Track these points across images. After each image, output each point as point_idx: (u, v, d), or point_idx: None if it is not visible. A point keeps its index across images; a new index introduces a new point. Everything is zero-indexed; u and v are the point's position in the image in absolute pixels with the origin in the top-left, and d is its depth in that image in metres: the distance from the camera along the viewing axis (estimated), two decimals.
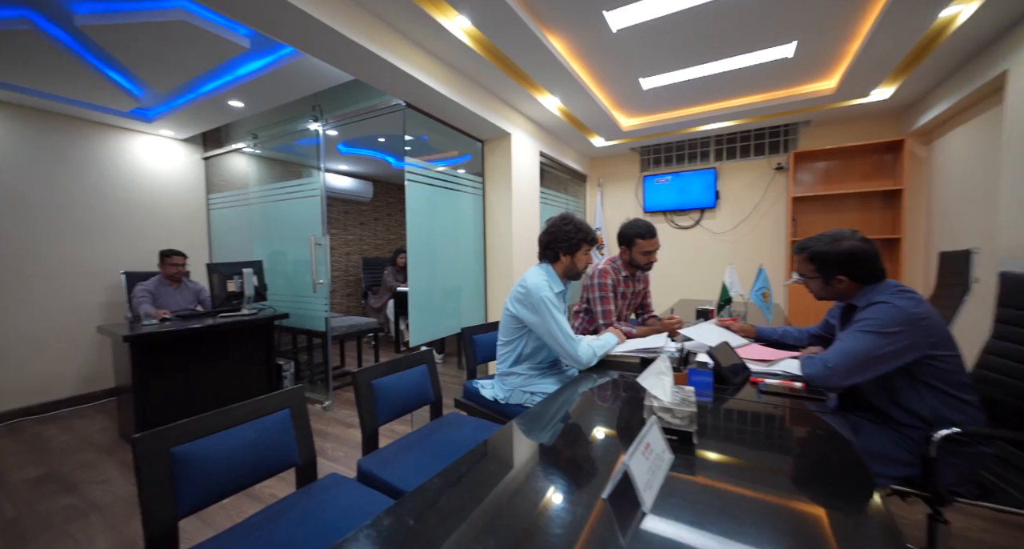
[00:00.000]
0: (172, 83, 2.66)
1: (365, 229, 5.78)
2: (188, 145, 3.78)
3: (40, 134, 2.97)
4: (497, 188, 3.24)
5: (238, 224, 3.73)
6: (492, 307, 3.34)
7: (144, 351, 2.45)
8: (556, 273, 1.66)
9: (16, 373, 2.88)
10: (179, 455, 0.90)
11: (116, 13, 1.99)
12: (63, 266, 3.08)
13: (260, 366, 3.06)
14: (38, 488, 2.06)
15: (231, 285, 2.94)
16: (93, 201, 3.22)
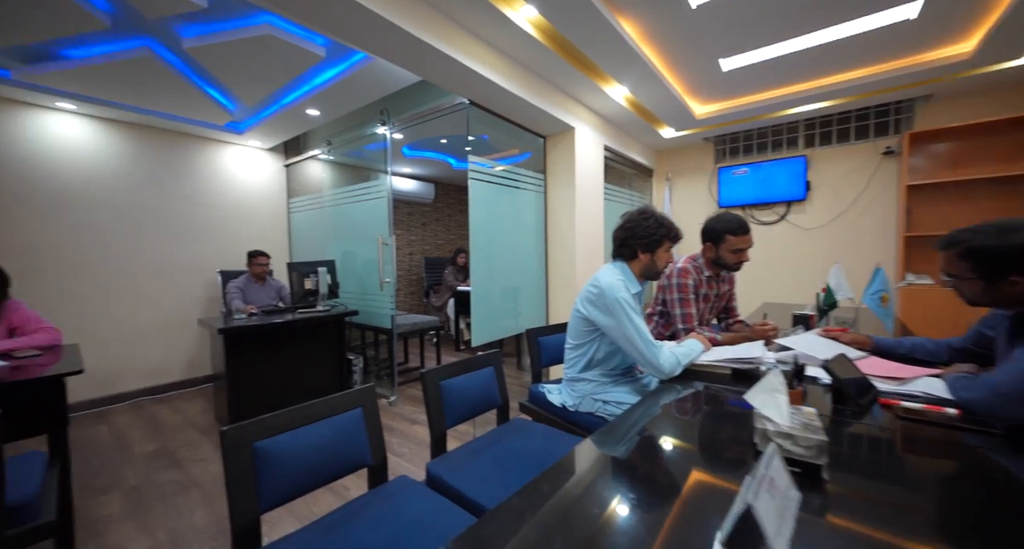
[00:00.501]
0: (259, 95, 2.88)
1: (427, 230, 5.95)
2: (272, 154, 4.11)
3: (151, 148, 3.38)
4: (559, 185, 3.13)
5: (314, 226, 3.99)
6: (553, 307, 3.24)
7: (235, 342, 2.67)
8: (632, 272, 1.52)
9: (137, 358, 3.29)
10: (261, 450, 0.91)
11: (215, 33, 2.18)
12: (171, 265, 3.48)
13: (332, 360, 3.22)
14: (152, 462, 2.32)
15: (308, 283, 3.13)
16: (194, 207, 3.60)
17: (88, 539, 1.69)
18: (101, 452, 2.44)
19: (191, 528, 1.76)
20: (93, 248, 3.09)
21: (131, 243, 3.27)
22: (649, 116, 3.39)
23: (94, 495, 2.00)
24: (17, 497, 1.07)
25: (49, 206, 2.91)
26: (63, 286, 2.96)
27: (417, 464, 2.25)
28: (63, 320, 2.90)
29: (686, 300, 1.79)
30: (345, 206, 3.57)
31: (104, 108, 2.97)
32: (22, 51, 2.31)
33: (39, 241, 2.88)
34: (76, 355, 1.84)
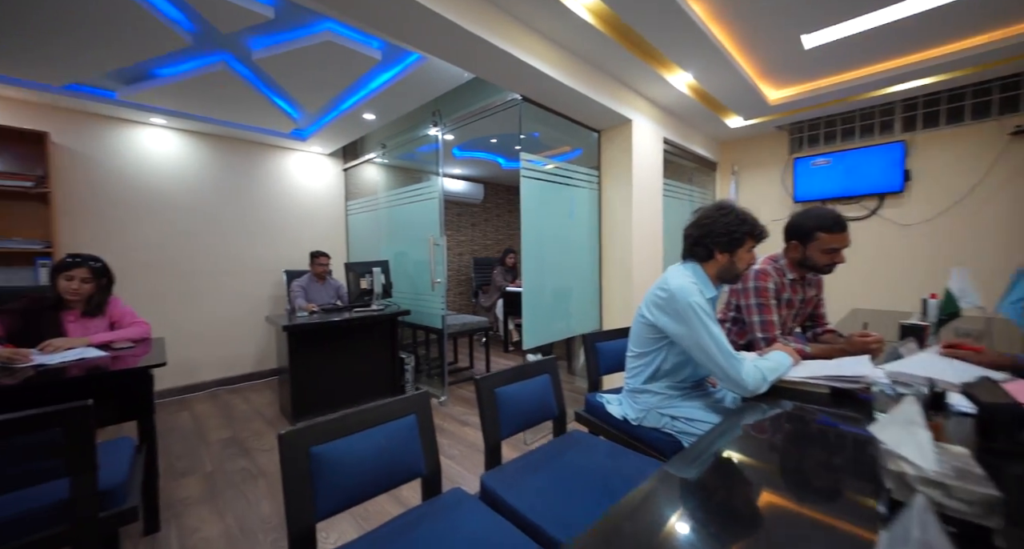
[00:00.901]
0: (320, 102, 3.00)
1: (476, 230, 5.98)
2: (332, 159, 4.31)
3: (227, 157, 3.65)
4: (615, 181, 2.97)
5: (369, 227, 4.12)
6: (607, 310, 3.08)
7: (297, 339, 2.80)
8: (707, 275, 1.36)
9: (214, 351, 3.57)
10: (317, 456, 0.89)
11: (281, 44, 2.28)
12: (243, 264, 3.74)
13: (385, 358, 3.29)
14: (225, 449, 2.48)
15: (363, 283, 3.22)
16: (263, 210, 3.85)
17: (170, 519, 1.82)
18: (183, 437, 2.66)
19: (257, 517, 1.84)
20: (178, 249, 3.40)
21: (210, 244, 3.56)
22: (715, 104, 3.13)
23: (176, 478, 2.16)
24: (107, 483, 1.14)
25: (143, 211, 3.23)
26: (153, 284, 3.28)
27: (468, 468, 2.21)
28: (152, 315, 3.20)
29: (766, 306, 1.59)
30: (398, 208, 3.64)
31: (188, 121, 3.25)
32: (123, 73, 2.57)
33: (135, 243, 3.20)
34: (161, 348, 1.99)
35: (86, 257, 2.01)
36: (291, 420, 2.81)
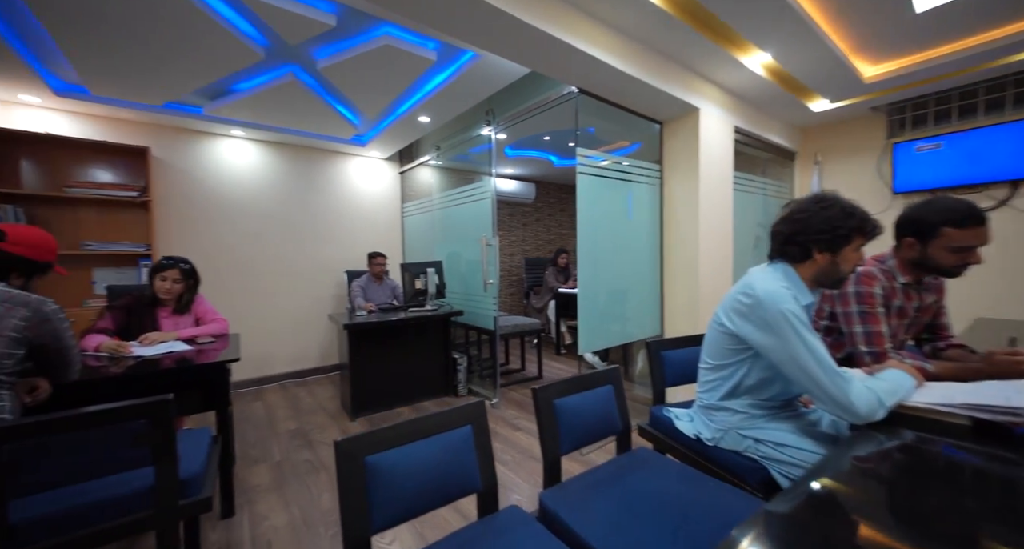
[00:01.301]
0: (378, 107, 3.09)
1: (527, 230, 5.92)
2: (389, 163, 4.45)
3: (294, 163, 3.89)
4: (679, 175, 2.76)
5: (424, 228, 4.20)
6: (670, 314, 2.86)
7: (357, 337, 2.90)
8: (801, 278, 1.18)
9: (283, 345, 3.82)
10: (372, 465, 0.86)
11: (342, 52, 2.36)
12: (309, 264, 3.97)
13: (439, 358, 3.33)
14: (292, 440, 2.61)
15: (418, 283, 3.27)
16: (325, 213, 4.06)
17: (244, 505, 1.93)
18: (256, 426, 2.85)
19: (319, 509, 1.90)
20: (253, 251, 3.67)
21: (280, 246, 3.81)
22: (796, 87, 2.79)
23: (249, 465, 2.31)
24: (187, 472, 1.20)
25: (223, 216, 3.53)
26: (231, 282, 3.56)
27: (522, 476, 2.14)
28: (230, 311, 3.48)
29: (872, 314, 1.35)
30: (451, 209, 3.67)
31: (262, 132, 3.49)
32: (208, 90, 2.80)
33: (216, 245, 3.50)
34: (237, 344, 2.12)
35: (177, 260, 2.20)
36: (350, 415, 2.91)
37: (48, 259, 1.45)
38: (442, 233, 3.87)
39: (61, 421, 0.99)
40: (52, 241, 1.48)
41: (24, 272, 1.39)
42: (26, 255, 1.38)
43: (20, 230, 1.40)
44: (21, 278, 1.39)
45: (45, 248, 1.44)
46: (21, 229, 1.41)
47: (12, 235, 1.37)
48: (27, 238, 1.40)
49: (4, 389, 1.22)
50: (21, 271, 1.38)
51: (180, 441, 1.41)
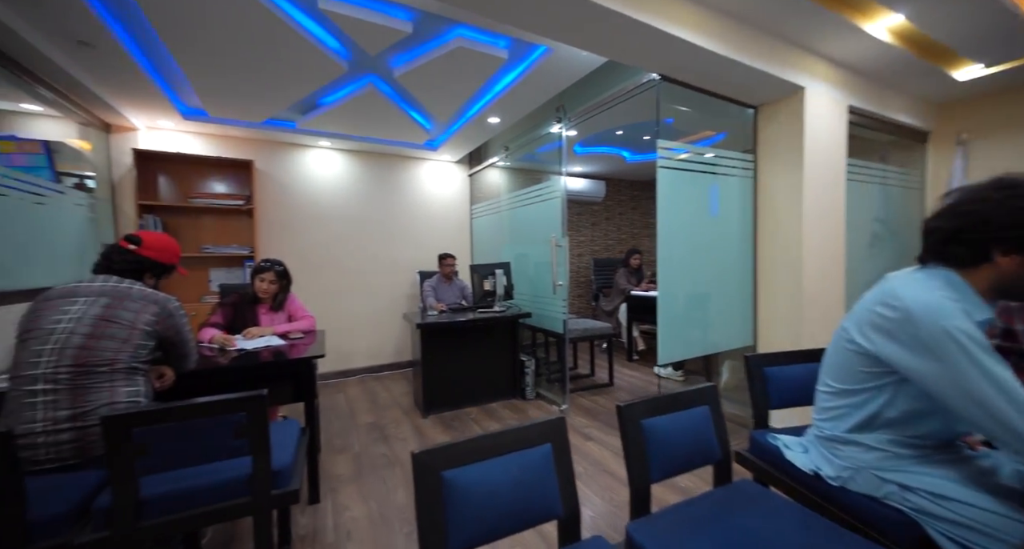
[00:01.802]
0: (450, 110, 3.14)
1: (596, 230, 5.71)
2: (459, 165, 4.54)
3: (373, 169, 4.11)
4: (778, 164, 2.43)
5: (492, 229, 4.22)
6: (765, 324, 2.54)
7: (428, 336, 2.97)
8: (972, 287, 0.92)
9: (362, 341, 4.07)
10: (449, 481, 0.81)
11: (417, 58, 2.41)
12: (385, 265, 4.18)
13: (507, 360, 3.30)
14: (370, 433, 2.74)
15: (487, 284, 3.27)
16: (400, 216, 4.25)
17: (328, 493, 2.04)
18: (339, 417, 3.04)
19: (393, 505, 1.94)
20: (336, 252, 3.95)
21: (360, 247, 4.06)
22: (936, 52, 2.32)
23: (333, 454, 2.45)
24: (278, 463, 1.26)
25: (311, 220, 3.84)
26: (318, 281, 3.86)
27: (595, 491, 2.02)
28: (316, 308, 3.77)
29: None
30: (519, 209, 3.62)
31: (345, 141, 3.74)
32: (299, 105, 3.05)
33: (305, 247, 3.82)
34: (322, 340, 2.26)
35: (273, 263, 2.41)
36: (422, 412, 2.99)
37: (173, 262, 1.64)
38: (510, 234, 3.84)
39: (176, 410, 1.09)
40: (176, 246, 1.67)
41: (156, 273, 1.58)
42: (157, 258, 1.57)
43: (152, 236, 1.60)
44: (153, 278, 1.58)
45: (171, 252, 1.63)
46: (152, 236, 1.60)
47: (146, 241, 1.57)
48: (157, 243, 1.59)
49: (140, 375, 1.39)
50: (153, 272, 1.57)
51: (273, 432, 1.51)
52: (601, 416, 2.93)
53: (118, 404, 1.31)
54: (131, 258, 1.51)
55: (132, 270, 1.51)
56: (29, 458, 1.21)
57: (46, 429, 1.22)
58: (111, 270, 1.48)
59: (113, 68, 2.31)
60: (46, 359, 1.26)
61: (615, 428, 2.74)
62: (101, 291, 1.40)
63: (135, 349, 1.38)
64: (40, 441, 1.21)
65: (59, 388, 1.25)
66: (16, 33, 1.87)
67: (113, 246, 1.52)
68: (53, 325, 1.30)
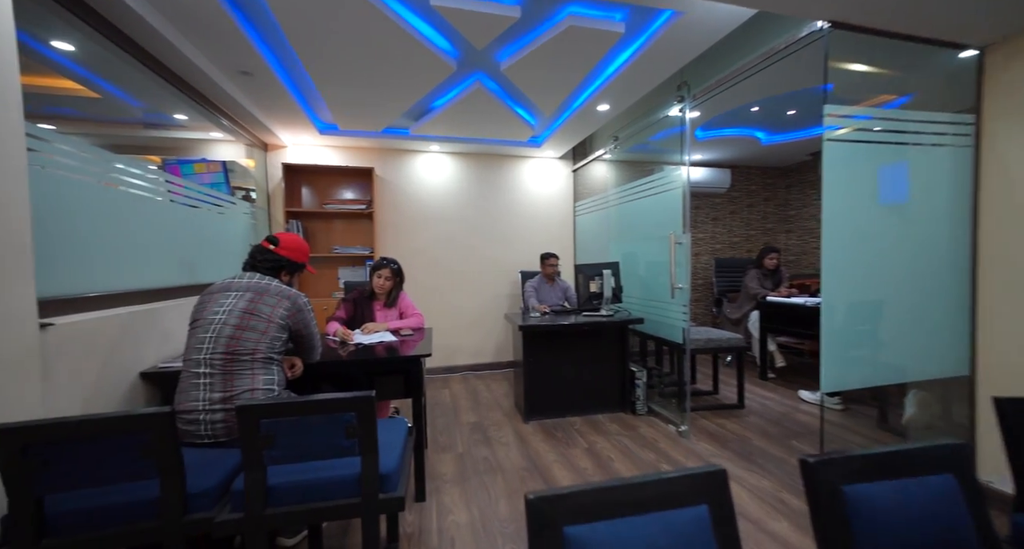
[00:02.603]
0: (556, 101, 2.97)
1: (718, 225, 5.01)
2: (562, 161, 4.36)
3: (477, 170, 4.16)
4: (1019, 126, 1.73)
5: (596, 227, 3.95)
6: (991, 346, 1.84)
7: (531, 338, 2.85)
8: None
9: (465, 339, 4.15)
10: (573, 541, 0.63)
11: (525, 47, 2.30)
12: (489, 264, 4.20)
13: (614, 368, 3.01)
14: (472, 434, 2.72)
15: (593, 285, 3.03)
16: (503, 215, 4.23)
17: (433, 492, 2.04)
18: (444, 413, 3.10)
19: (496, 517, 1.84)
20: (443, 252, 4.09)
21: (465, 247, 4.14)
22: None
23: (438, 451, 2.48)
24: (386, 467, 1.24)
25: (421, 222, 4.03)
26: (426, 280, 4.04)
27: None
28: (424, 305, 3.95)
29: None
30: (629, 204, 3.30)
31: (453, 144, 3.85)
32: (412, 111, 3.20)
33: (416, 248, 4.02)
34: (429, 339, 2.28)
35: (389, 260, 2.53)
36: (523, 416, 2.88)
37: (303, 260, 1.77)
38: (618, 231, 3.53)
39: (294, 404, 1.11)
40: (307, 246, 1.80)
41: (290, 271, 1.72)
42: (290, 257, 1.70)
43: (287, 237, 1.74)
44: (288, 275, 1.72)
45: (302, 252, 1.76)
46: (288, 236, 1.75)
47: (283, 241, 1.71)
48: (291, 243, 1.73)
49: (274, 365, 1.51)
50: (288, 270, 1.71)
51: (382, 430, 1.50)
52: (732, 444, 2.47)
53: (257, 391, 1.42)
54: (270, 257, 1.66)
55: (271, 267, 1.65)
56: (192, 433, 1.37)
57: (204, 408, 1.37)
58: (256, 268, 1.64)
59: (267, 92, 2.66)
60: (207, 346, 1.42)
61: (753, 463, 2.29)
62: (247, 287, 1.55)
63: (271, 340, 1.49)
64: (201, 418, 1.36)
65: (214, 372, 1.40)
66: (204, 73, 2.24)
67: (257, 246, 1.69)
68: (212, 316, 1.47)
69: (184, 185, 2.40)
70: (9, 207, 1.10)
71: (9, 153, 1.11)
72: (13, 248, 1.11)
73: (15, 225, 1.11)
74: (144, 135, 3.15)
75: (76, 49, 1.80)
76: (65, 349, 1.31)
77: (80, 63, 1.88)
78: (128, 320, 1.62)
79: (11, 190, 1.11)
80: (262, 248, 1.68)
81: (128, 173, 1.84)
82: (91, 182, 1.62)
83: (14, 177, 1.12)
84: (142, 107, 2.91)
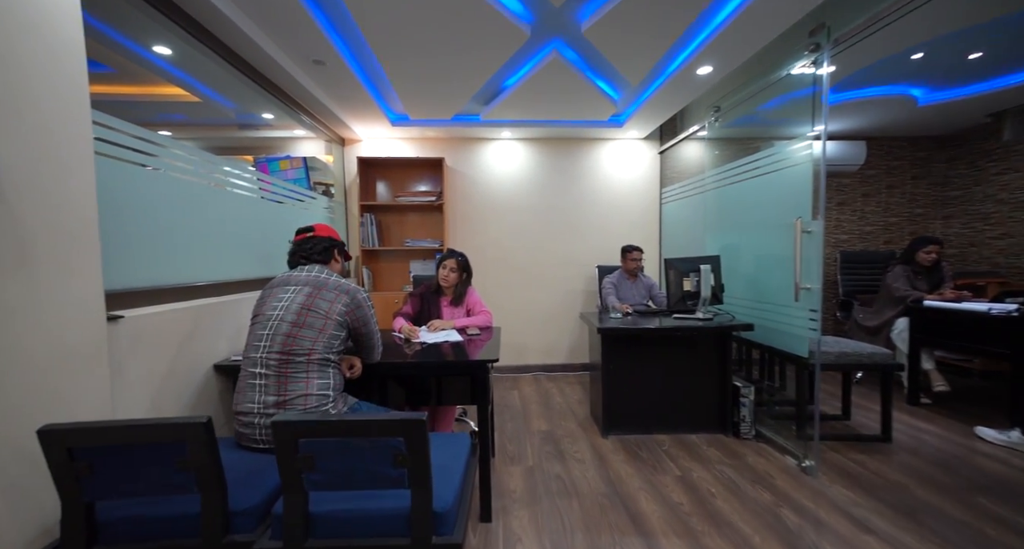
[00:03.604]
0: (645, 67, 2.54)
1: (845, 211, 4.12)
2: (647, 142, 3.87)
3: (550, 157, 3.85)
4: None
5: (688, 215, 3.43)
6: None
7: (611, 342, 2.51)
8: None
9: (536, 338, 3.90)
10: None
11: (603, 6, 1.94)
12: (562, 258, 3.89)
13: (711, 382, 2.54)
14: (544, 445, 2.46)
15: (687, 283, 2.57)
16: (579, 204, 3.87)
17: (500, 512, 1.81)
18: (513, 417, 2.88)
19: None
20: (513, 244, 3.86)
21: (537, 239, 3.87)
22: None
23: (507, 463, 2.25)
24: (440, 504, 1.02)
25: (490, 213, 3.84)
26: (496, 274, 3.85)
27: None
28: (492, 300, 3.77)
29: None
30: (734, 187, 2.76)
31: (525, 129, 3.58)
32: (483, 92, 3.00)
33: (484, 239, 3.85)
34: (497, 341, 2.06)
35: (456, 252, 2.35)
36: (601, 430, 2.55)
37: (341, 240, 1.66)
38: (717, 220, 3.00)
39: (334, 424, 0.93)
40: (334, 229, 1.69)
41: (340, 251, 1.61)
42: (333, 237, 1.59)
43: (316, 225, 1.62)
44: (340, 259, 1.61)
45: (335, 232, 1.65)
46: (316, 225, 1.63)
47: (316, 227, 1.60)
48: (324, 226, 1.62)
49: (331, 367, 1.38)
50: (339, 250, 1.60)
51: (441, 448, 1.30)
52: (881, 492, 1.90)
53: (311, 396, 1.30)
54: (319, 241, 1.55)
55: (325, 249, 1.54)
56: (249, 436, 1.29)
57: (259, 411, 1.28)
58: (310, 258, 1.54)
59: (340, 83, 2.62)
60: (264, 343, 1.33)
61: (920, 524, 1.65)
62: (306, 281, 1.44)
63: (328, 339, 1.36)
64: (256, 422, 1.27)
65: (269, 373, 1.30)
66: (281, 67, 2.25)
67: (301, 238, 1.57)
68: (271, 311, 1.38)
69: (272, 182, 2.51)
70: (79, 203, 1.07)
71: (77, 151, 1.07)
72: (81, 242, 1.08)
73: (84, 218, 1.08)
74: (239, 136, 3.37)
75: (173, 52, 1.90)
76: (136, 342, 1.29)
77: (179, 67, 2.04)
78: (202, 312, 1.62)
79: (80, 186, 1.08)
80: (308, 237, 1.57)
81: (232, 175, 2.05)
82: (204, 184, 1.81)
83: (81, 173, 1.08)
84: (235, 108, 3.08)
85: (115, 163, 1.33)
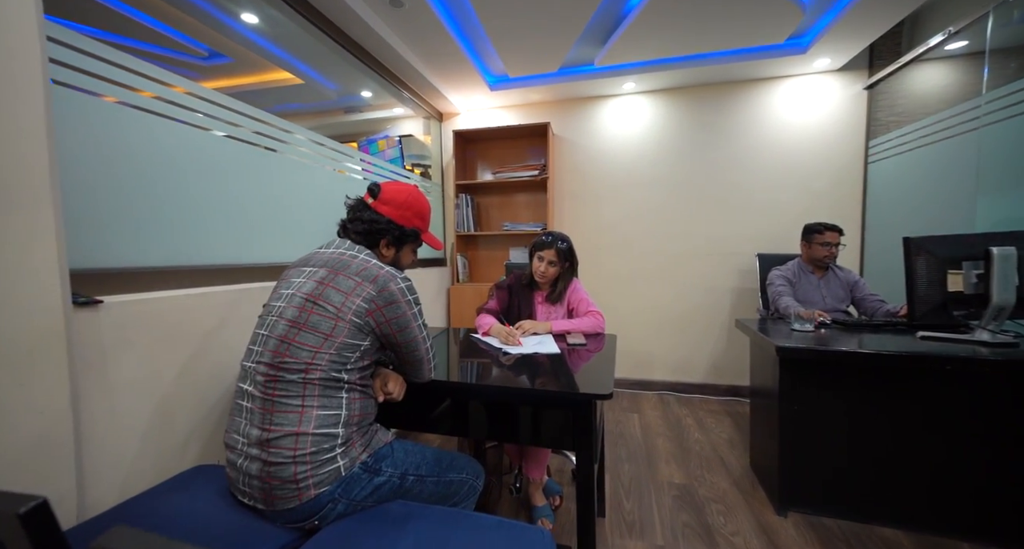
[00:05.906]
0: None
1: None
2: (844, 75, 2.65)
3: (693, 112, 2.90)
4: None
5: (916, 176, 2.19)
6: None
7: (794, 367, 1.60)
8: None
9: (664, 347, 3.03)
10: None
11: None
12: (705, 246, 2.94)
13: (1002, 452, 1.42)
14: (679, 510, 1.69)
15: (954, 280, 1.49)
16: (732, 171, 2.86)
17: None
18: (632, 454, 2.15)
19: None
20: (636, 227, 3.05)
21: (670, 222, 2.99)
22: None
23: (621, 530, 1.57)
24: None
25: (606, 188, 3.08)
26: (610, 266, 3.09)
27: None
28: (605, 297, 3.03)
29: None
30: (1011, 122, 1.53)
31: (656, 76, 2.74)
32: (595, 28, 2.31)
33: (597, 221, 3.11)
34: (612, 351, 1.39)
35: (556, 237, 1.73)
36: (776, 503, 1.66)
37: (415, 225, 1.13)
38: (1006, 173, 1.76)
39: None
40: (422, 202, 1.15)
41: (395, 240, 1.11)
42: (392, 217, 1.09)
43: (392, 186, 1.12)
44: (392, 248, 1.12)
45: (413, 211, 1.12)
46: (394, 185, 1.13)
47: (384, 191, 1.11)
48: (396, 196, 1.10)
49: (342, 393, 0.88)
50: (391, 238, 1.10)
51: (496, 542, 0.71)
52: None
53: (306, 436, 0.83)
54: (366, 215, 1.07)
55: (364, 231, 1.07)
56: (233, 482, 0.89)
57: (242, 448, 0.86)
58: (347, 232, 1.10)
59: (424, 31, 2.20)
60: (256, 349, 0.92)
61: None
62: (326, 260, 0.99)
63: (338, 350, 0.88)
64: (238, 463, 0.86)
65: (255, 395, 0.87)
66: (359, 16, 1.92)
67: (355, 201, 1.14)
68: (275, 302, 0.97)
69: (372, 163, 2.46)
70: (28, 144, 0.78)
71: (30, 100, 0.78)
72: (30, 203, 0.79)
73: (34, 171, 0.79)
74: (345, 121, 3.31)
75: (260, 21, 1.92)
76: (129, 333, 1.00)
77: (278, 44, 2.15)
78: (240, 298, 1.32)
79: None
80: (359, 203, 1.12)
81: (347, 159, 2.11)
82: (325, 170, 1.90)
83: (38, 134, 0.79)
84: (337, 90, 2.99)
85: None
